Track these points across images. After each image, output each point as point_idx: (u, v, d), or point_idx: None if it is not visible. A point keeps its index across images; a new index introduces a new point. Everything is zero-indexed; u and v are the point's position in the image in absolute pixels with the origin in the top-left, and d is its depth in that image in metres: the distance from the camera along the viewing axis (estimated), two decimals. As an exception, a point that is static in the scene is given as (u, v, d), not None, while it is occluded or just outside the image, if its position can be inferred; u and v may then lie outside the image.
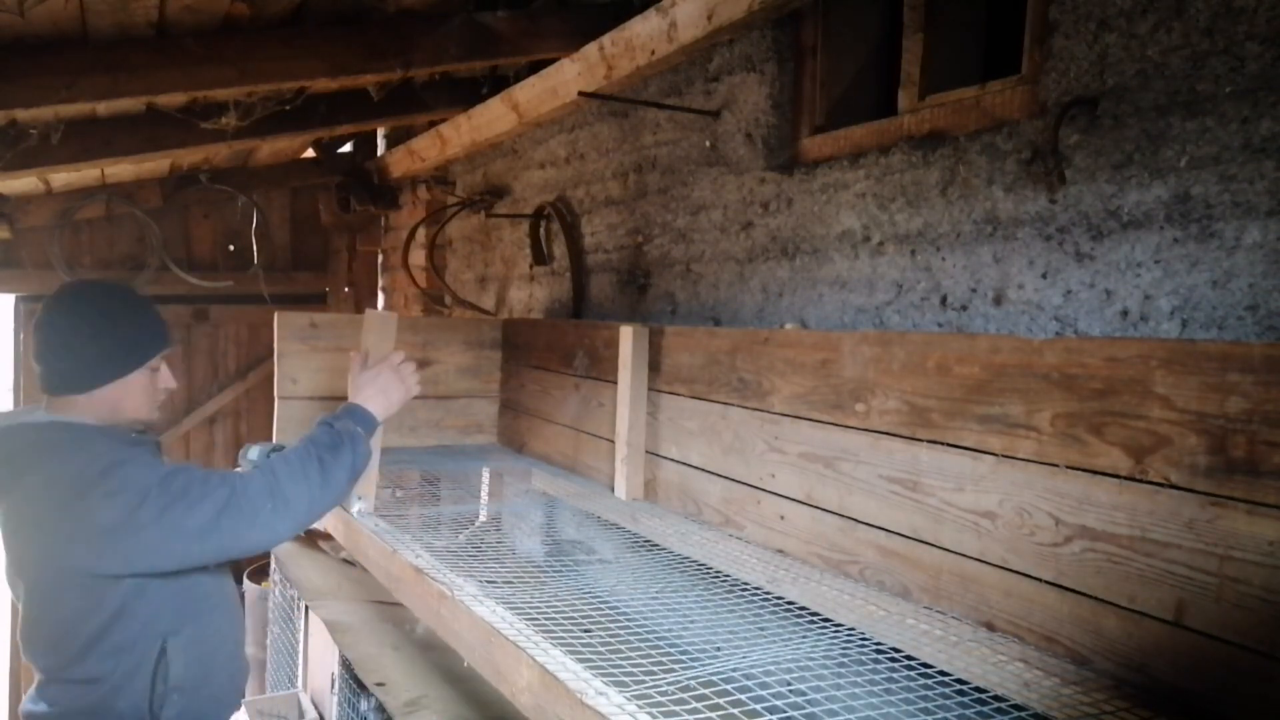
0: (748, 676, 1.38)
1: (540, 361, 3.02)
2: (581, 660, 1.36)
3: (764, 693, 1.34)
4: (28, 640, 1.80)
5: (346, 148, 5.70)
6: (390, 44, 3.05)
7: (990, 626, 1.50)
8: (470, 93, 3.85)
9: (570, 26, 3.09)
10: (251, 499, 1.70)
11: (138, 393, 1.86)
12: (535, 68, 3.25)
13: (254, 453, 2.12)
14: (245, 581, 4.14)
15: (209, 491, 1.68)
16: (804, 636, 1.54)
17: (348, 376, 2.04)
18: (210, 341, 5.79)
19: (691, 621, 1.62)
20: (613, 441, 2.48)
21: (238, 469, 2.04)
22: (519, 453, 3.13)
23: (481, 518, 2.64)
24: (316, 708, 2.93)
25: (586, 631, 1.53)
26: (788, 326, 2.34)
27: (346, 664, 2.50)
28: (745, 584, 1.80)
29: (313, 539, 3.43)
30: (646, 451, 2.42)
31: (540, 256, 3.73)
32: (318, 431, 1.86)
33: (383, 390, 2.00)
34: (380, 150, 5.48)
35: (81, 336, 1.79)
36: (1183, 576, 1.23)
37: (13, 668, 5.43)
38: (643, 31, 2.56)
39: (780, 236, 2.45)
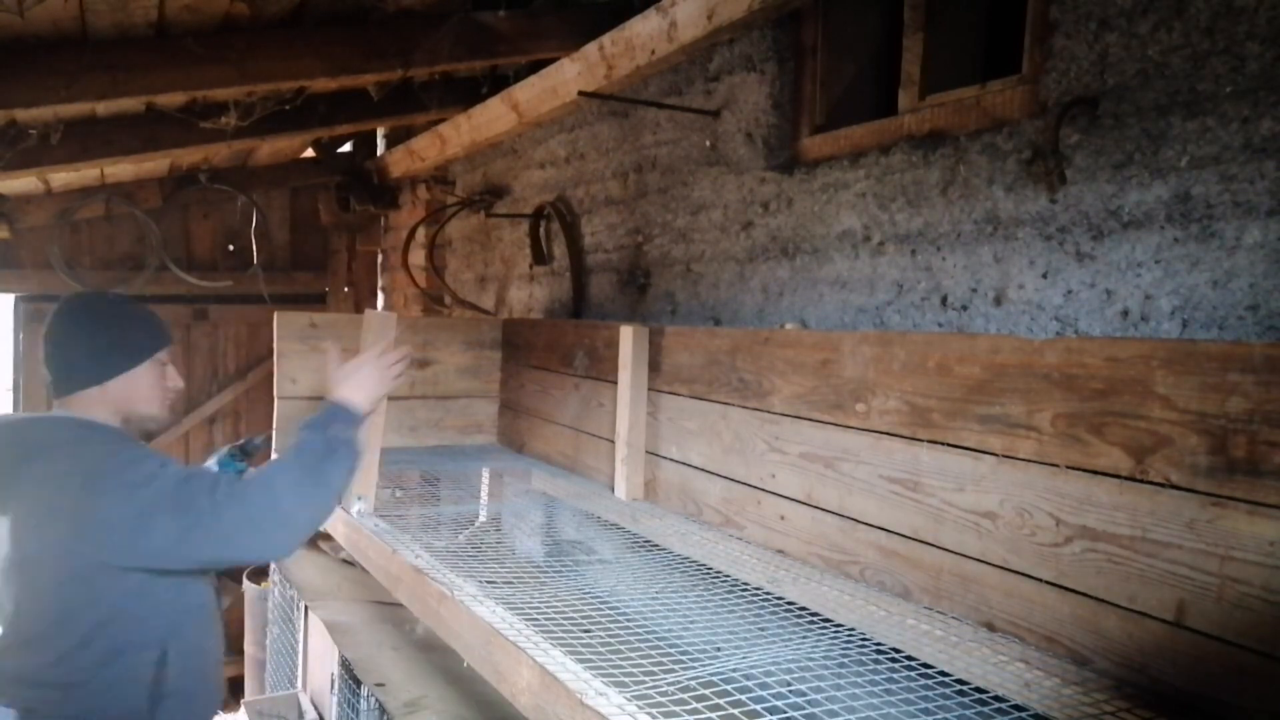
0: (748, 677, 1.38)
1: (540, 361, 3.02)
2: (581, 661, 1.36)
3: (764, 693, 1.34)
4: (6, 643, 1.77)
5: (346, 148, 5.70)
6: (390, 44, 3.05)
7: (991, 627, 1.49)
8: (470, 92, 3.85)
9: (570, 26, 3.09)
10: (251, 513, 1.70)
11: (147, 387, 1.91)
12: (535, 67, 3.25)
13: (213, 460, 2.14)
14: (245, 581, 4.14)
15: (219, 500, 1.68)
16: (804, 637, 1.54)
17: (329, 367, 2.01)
18: (210, 341, 5.79)
19: (692, 622, 1.62)
20: (613, 441, 2.48)
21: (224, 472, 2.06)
22: (519, 453, 3.12)
23: (481, 518, 2.64)
24: (316, 708, 2.93)
25: (586, 632, 1.52)
26: (788, 326, 2.34)
27: (346, 664, 2.50)
28: (745, 584, 1.80)
29: (313, 539, 3.43)
30: (646, 451, 2.42)
31: (540, 256, 3.72)
32: (308, 437, 1.82)
33: (360, 385, 1.94)
34: (380, 150, 5.48)
35: (91, 331, 1.87)
36: (1183, 577, 1.23)
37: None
38: (643, 31, 2.56)
39: (780, 236, 2.45)
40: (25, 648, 1.75)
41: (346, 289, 6.07)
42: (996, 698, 1.30)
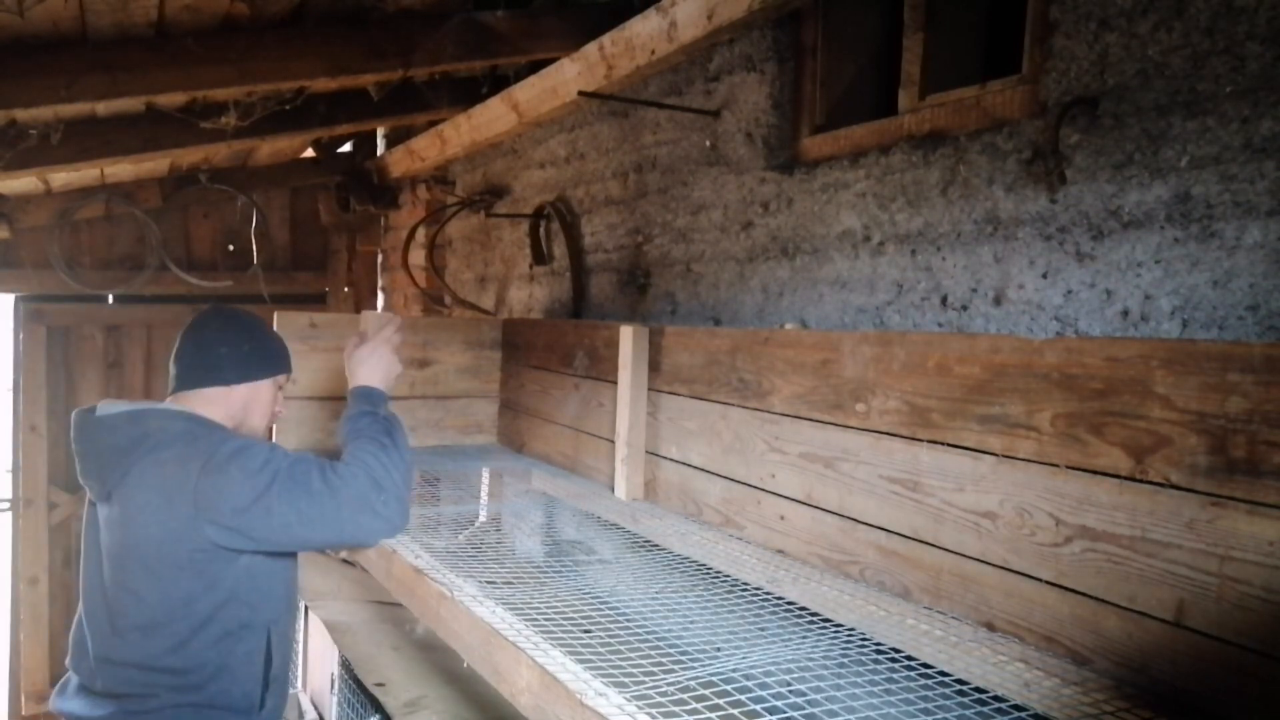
0: (748, 677, 1.38)
1: (540, 361, 3.02)
2: (581, 661, 1.36)
3: (764, 693, 1.34)
4: (117, 629, 1.79)
5: (346, 147, 5.70)
6: (390, 44, 3.05)
7: (990, 627, 1.49)
8: (470, 92, 3.85)
9: (570, 26, 3.09)
10: (362, 491, 1.77)
11: (264, 402, 2.02)
12: (535, 67, 3.25)
13: None
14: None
15: (331, 481, 1.76)
16: (804, 637, 1.54)
17: (344, 356, 2.11)
18: (210, 341, 5.78)
19: (691, 622, 1.62)
20: (613, 441, 2.48)
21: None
22: (519, 453, 3.12)
23: (481, 518, 2.64)
24: (316, 708, 2.93)
25: (586, 632, 1.52)
26: (788, 326, 2.34)
27: (346, 664, 2.50)
28: (745, 584, 1.80)
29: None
30: (646, 451, 2.42)
31: (540, 256, 3.72)
32: (365, 423, 1.92)
33: (374, 369, 2.06)
34: (380, 150, 5.47)
35: (237, 334, 1.98)
36: (1183, 576, 1.23)
37: (12, 668, 5.43)
38: (643, 31, 2.56)
39: (780, 236, 2.45)
40: (143, 632, 1.77)
41: (346, 289, 6.07)
42: (996, 698, 1.30)
